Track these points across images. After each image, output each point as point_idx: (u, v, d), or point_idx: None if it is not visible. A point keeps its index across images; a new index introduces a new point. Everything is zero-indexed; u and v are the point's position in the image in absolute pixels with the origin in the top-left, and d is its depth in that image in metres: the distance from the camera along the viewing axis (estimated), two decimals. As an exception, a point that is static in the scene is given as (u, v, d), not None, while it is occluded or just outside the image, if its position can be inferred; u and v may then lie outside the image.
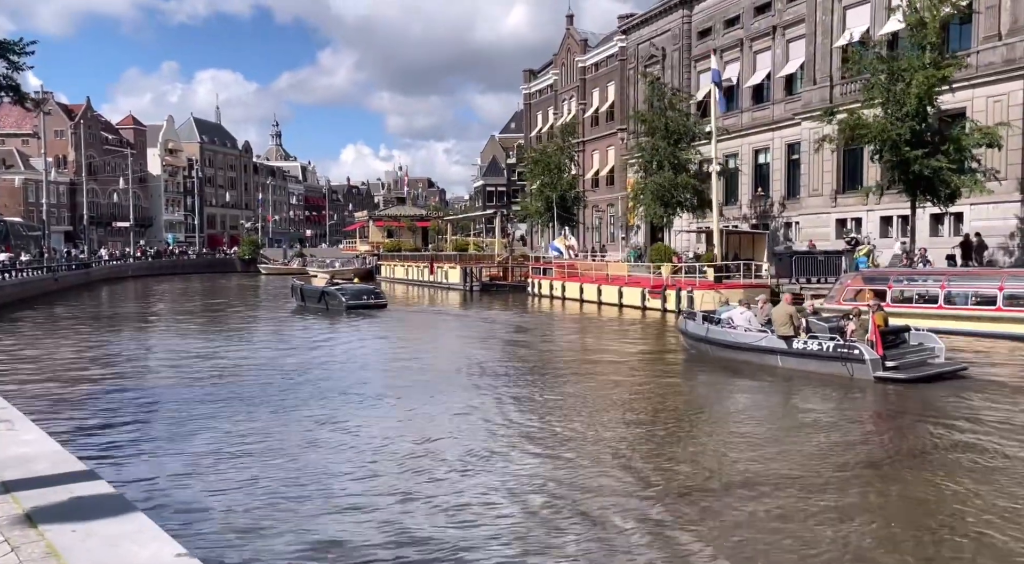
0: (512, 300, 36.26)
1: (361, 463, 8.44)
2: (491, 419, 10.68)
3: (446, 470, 8.15)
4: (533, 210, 50.36)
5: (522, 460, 8.64)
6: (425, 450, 8.97)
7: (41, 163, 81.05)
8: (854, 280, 18.38)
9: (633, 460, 8.60)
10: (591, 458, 8.62)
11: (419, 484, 7.67)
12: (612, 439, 9.46)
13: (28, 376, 14.26)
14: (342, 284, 32.03)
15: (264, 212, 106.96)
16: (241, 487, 7.60)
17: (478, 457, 8.72)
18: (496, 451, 9.01)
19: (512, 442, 9.44)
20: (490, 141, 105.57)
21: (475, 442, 9.35)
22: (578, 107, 61.34)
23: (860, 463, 8.60)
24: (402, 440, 9.44)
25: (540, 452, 9.02)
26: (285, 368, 15.51)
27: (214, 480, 7.85)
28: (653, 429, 10.28)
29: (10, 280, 33.09)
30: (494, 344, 20.49)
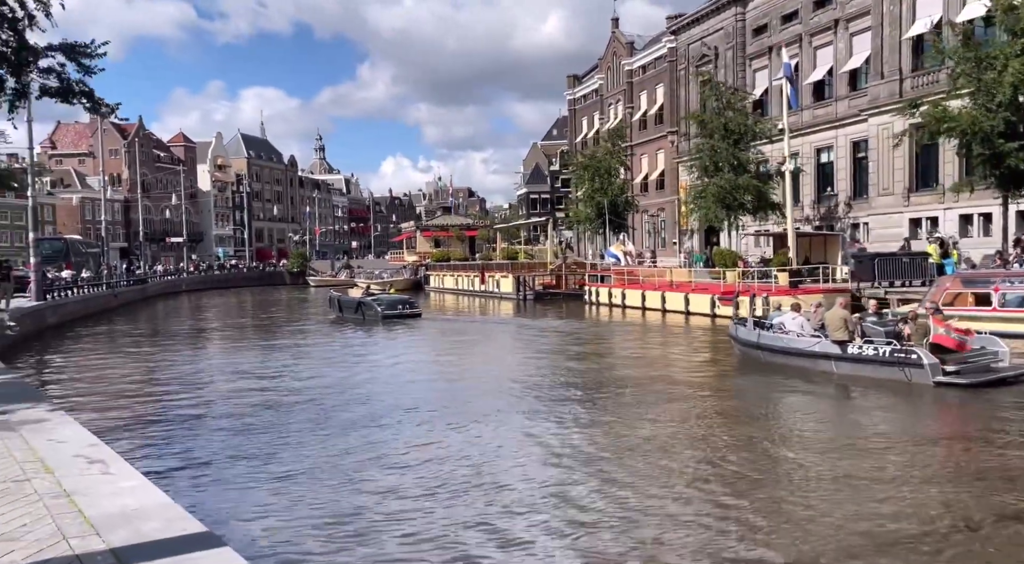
0: (568, 309, 35.42)
1: (418, 497, 7.65)
2: (555, 445, 9.88)
3: (509, 504, 7.40)
4: (583, 216, 49.45)
5: (574, 488, 7.95)
6: (488, 481, 8.20)
7: (96, 182, 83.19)
8: (953, 282, 17.12)
9: (702, 510, 7.71)
10: (656, 493, 7.77)
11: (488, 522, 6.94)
12: (680, 478, 8.33)
13: (101, 399, 13.93)
14: (377, 294, 32.61)
15: (311, 225, 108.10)
16: (336, 523, 6.95)
17: (537, 485, 7.99)
18: (552, 477, 8.31)
19: (566, 466, 8.77)
20: (532, 149, 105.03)
21: (535, 469, 8.65)
22: (625, 111, 60.36)
23: (930, 478, 7.95)
24: (461, 470, 8.62)
25: (593, 475, 8.38)
26: (349, 387, 14.97)
27: (303, 519, 7.21)
28: (726, 458, 9.38)
29: (73, 297, 33.47)
30: (558, 357, 19.74)
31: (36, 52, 8.73)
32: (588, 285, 36.20)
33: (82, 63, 9.05)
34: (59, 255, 42.85)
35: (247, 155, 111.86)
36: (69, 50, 8.90)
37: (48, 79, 9.12)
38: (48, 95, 9.11)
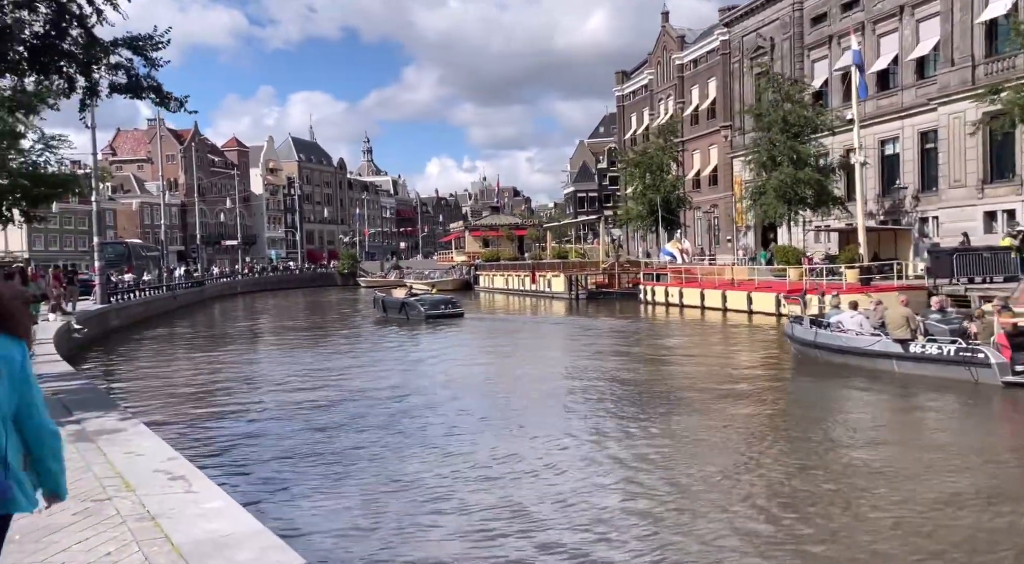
0: (622, 308, 34.79)
1: (502, 516, 7.26)
2: (619, 454, 9.42)
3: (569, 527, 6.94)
4: (633, 214, 48.59)
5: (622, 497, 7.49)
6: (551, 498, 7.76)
7: (154, 187, 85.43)
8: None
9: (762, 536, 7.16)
10: (712, 507, 7.29)
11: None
12: (738, 494, 7.75)
13: (168, 405, 13.96)
14: (421, 295, 33.02)
15: (360, 227, 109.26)
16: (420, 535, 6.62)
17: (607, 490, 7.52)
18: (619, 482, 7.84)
19: (628, 476, 8.32)
20: (579, 147, 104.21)
21: (602, 477, 8.20)
22: (676, 106, 59.25)
23: (998, 492, 7.36)
24: (534, 486, 8.17)
25: (650, 489, 7.89)
26: (411, 392, 14.73)
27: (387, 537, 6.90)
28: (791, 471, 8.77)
29: (136, 300, 34.19)
30: (616, 359, 19.23)
31: (105, 48, 8.63)
32: (643, 284, 35.47)
33: (148, 57, 8.91)
34: (121, 259, 43.97)
35: (298, 158, 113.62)
36: (134, 44, 8.77)
37: (116, 75, 9.01)
38: (117, 92, 9.02)
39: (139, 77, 9.15)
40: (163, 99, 9.36)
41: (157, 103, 9.31)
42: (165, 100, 9.37)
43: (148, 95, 9.23)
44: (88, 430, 6.75)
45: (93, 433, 6.58)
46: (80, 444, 6.19)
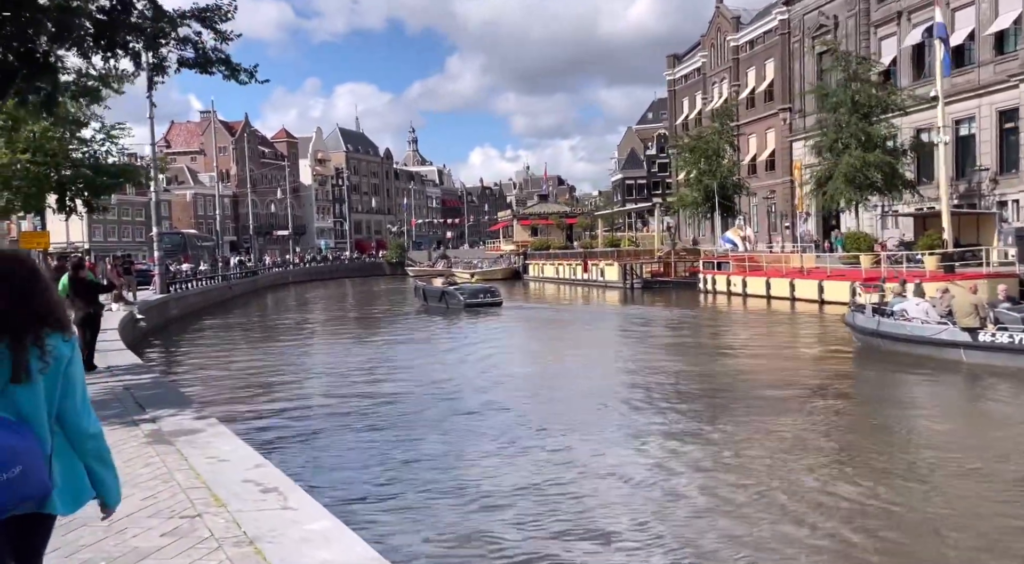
0: (681, 298, 33.79)
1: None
2: (674, 451, 8.75)
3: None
4: (688, 200, 47.23)
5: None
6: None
7: (207, 178, 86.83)
8: None
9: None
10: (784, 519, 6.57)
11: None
12: (824, 515, 6.96)
13: (235, 398, 13.65)
14: (460, 284, 33.06)
15: (408, 216, 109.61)
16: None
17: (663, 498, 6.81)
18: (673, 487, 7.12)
19: (683, 480, 7.65)
20: (627, 133, 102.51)
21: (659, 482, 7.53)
22: (731, 89, 57.49)
23: None
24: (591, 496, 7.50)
25: (710, 489, 7.29)
26: (464, 390, 14.18)
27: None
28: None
29: (193, 289, 34.48)
30: (679, 351, 18.44)
31: (172, 20, 8.19)
32: (703, 273, 34.35)
33: (217, 28, 8.45)
34: (178, 249, 44.53)
35: (345, 149, 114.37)
36: (202, 15, 8.32)
37: (184, 49, 8.57)
38: (186, 66, 8.60)
39: (208, 51, 8.70)
40: (233, 71, 8.91)
41: (227, 76, 8.85)
42: (235, 72, 8.91)
43: (218, 68, 8.78)
44: (164, 430, 6.31)
45: (170, 434, 6.15)
46: (159, 446, 5.74)
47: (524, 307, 37.14)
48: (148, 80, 8.54)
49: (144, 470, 5.12)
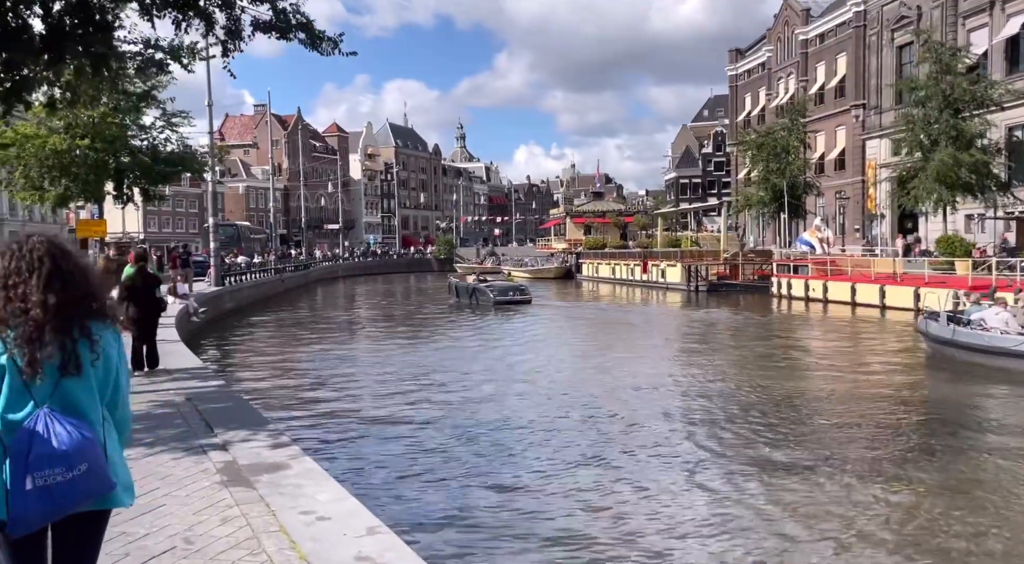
0: (750, 302, 31.97)
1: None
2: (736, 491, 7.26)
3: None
4: (755, 200, 45.11)
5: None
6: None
7: (260, 171, 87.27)
8: None
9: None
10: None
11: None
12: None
13: (297, 417, 12.58)
14: (491, 281, 33.61)
15: (457, 213, 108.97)
16: None
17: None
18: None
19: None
20: (682, 131, 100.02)
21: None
22: (798, 85, 55.06)
23: None
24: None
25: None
26: (528, 402, 12.86)
27: None
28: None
29: (247, 282, 33.91)
30: (757, 361, 16.85)
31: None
32: (776, 276, 32.41)
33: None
34: (232, 241, 44.21)
35: (395, 144, 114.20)
36: None
37: (260, 10, 7.39)
38: (262, 30, 7.43)
39: (286, 12, 7.51)
40: (314, 39, 7.72)
41: (307, 44, 7.67)
42: (316, 40, 7.72)
43: (297, 34, 7.59)
44: (241, 462, 5.10)
45: (249, 469, 4.93)
46: (236, 490, 4.52)
47: (582, 306, 35.85)
48: (223, 47, 7.32)
49: (221, 530, 3.90)
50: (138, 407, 7.01)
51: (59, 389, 2.13)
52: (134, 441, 5.68)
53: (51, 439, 2.07)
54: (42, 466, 2.05)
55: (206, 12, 7.30)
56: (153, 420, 6.53)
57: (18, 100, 7.15)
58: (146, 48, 7.75)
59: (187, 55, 7.92)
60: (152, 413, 6.86)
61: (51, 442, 2.06)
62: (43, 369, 2.11)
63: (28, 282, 2.16)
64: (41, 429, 2.08)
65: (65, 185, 21.90)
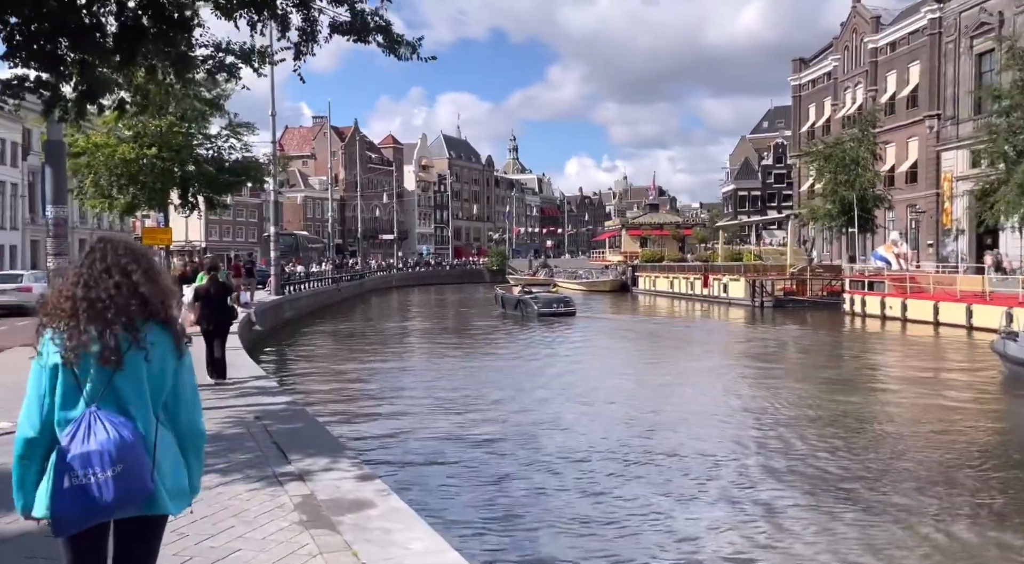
0: (819, 320, 30.59)
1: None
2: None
3: None
4: (821, 213, 43.45)
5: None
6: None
7: (317, 182, 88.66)
8: None
9: None
10: None
11: None
12: None
13: (361, 434, 12.15)
14: (535, 293, 34.24)
15: (510, 224, 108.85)
16: None
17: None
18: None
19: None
20: (740, 143, 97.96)
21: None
22: (866, 94, 53.17)
23: None
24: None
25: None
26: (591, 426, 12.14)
27: None
28: None
29: (305, 291, 34.05)
30: (837, 385, 15.75)
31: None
32: (849, 292, 30.96)
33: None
34: (291, 250, 44.69)
35: (448, 155, 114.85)
36: None
37: (338, 11, 6.97)
38: (339, 32, 7.03)
39: (365, 13, 7.07)
40: (392, 43, 7.26)
41: (385, 47, 7.23)
42: (395, 44, 7.26)
43: (375, 37, 7.15)
44: (320, 497, 4.59)
45: (329, 507, 4.41)
46: (318, 533, 3.99)
47: (641, 321, 34.92)
48: (296, 49, 6.93)
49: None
50: (208, 424, 6.60)
51: (110, 388, 2.12)
52: (206, 465, 5.23)
53: (91, 438, 2.05)
54: (79, 465, 2.03)
55: (282, 13, 6.92)
56: (224, 441, 6.10)
57: (91, 103, 6.86)
58: (216, 51, 7.42)
59: (257, 59, 7.56)
60: (223, 433, 6.44)
61: (90, 441, 2.05)
62: (82, 360, 2.12)
63: (83, 280, 2.20)
64: (84, 428, 2.07)
65: (133, 193, 22.16)
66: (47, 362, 2.14)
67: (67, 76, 6.84)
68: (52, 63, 6.66)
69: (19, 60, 6.63)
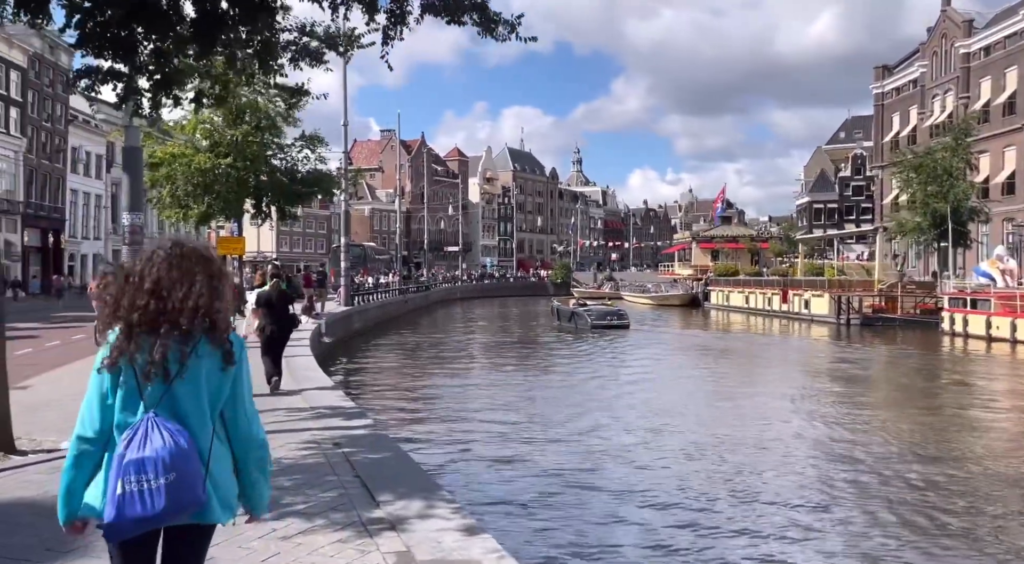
0: (913, 339, 28.56)
1: None
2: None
3: None
4: (911, 226, 40.98)
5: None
6: None
7: (384, 194, 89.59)
8: None
9: None
10: None
11: None
12: None
13: (435, 447, 11.40)
14: (589, 306, 34.85)
15: (575, 236, 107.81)
16: None
17: None
18: None
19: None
20: (816, 154, 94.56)
21: None
22: (957, 102, 50.32)
23: None
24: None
25: None
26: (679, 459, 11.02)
27: None
28: None
29: (373, 303, 33.86)
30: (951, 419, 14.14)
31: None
32: (948, 310, 28.82)
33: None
34: (359, 261, 44.80)
35: (512, 168, 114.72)
36: None
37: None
38: (431, 12, 6.35)
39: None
40: (488, 22, 6.51)
41: (481, 27, 6.48)
42: (491, 23, 6.51)
43: (470, 16, 6.40)
44: (419, 558, 3.76)
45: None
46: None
47: (720, 337, 33.41)
48: (384, 33, 6.23)
49: None
50: (284, 450, 5.91)
51: (168, 394, 2.11)
52: (284, 503, 4.48)
53: (147, 445, 2.04)
54: (134, 471, 2.02)
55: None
56: (302, 472, 5.36)
57: (167, 93, 6.31)
58: (300, 35, 6.81)
59: (344, 43, 6.91)
60: (301, 462, 5.71)
61: (146, 448, 2.04)
62: (127, 368, 2.12)
63: (144, 286, 2.16)
64: (140, 434, 2.06)
65: (208, 203, 22.17)
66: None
67: (142, 67, 6.32)
68: (125, 51, 6.14)
69: (92, 49, 6.13)
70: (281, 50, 6.91)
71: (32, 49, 41.03)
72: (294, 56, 7.12)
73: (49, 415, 7.75)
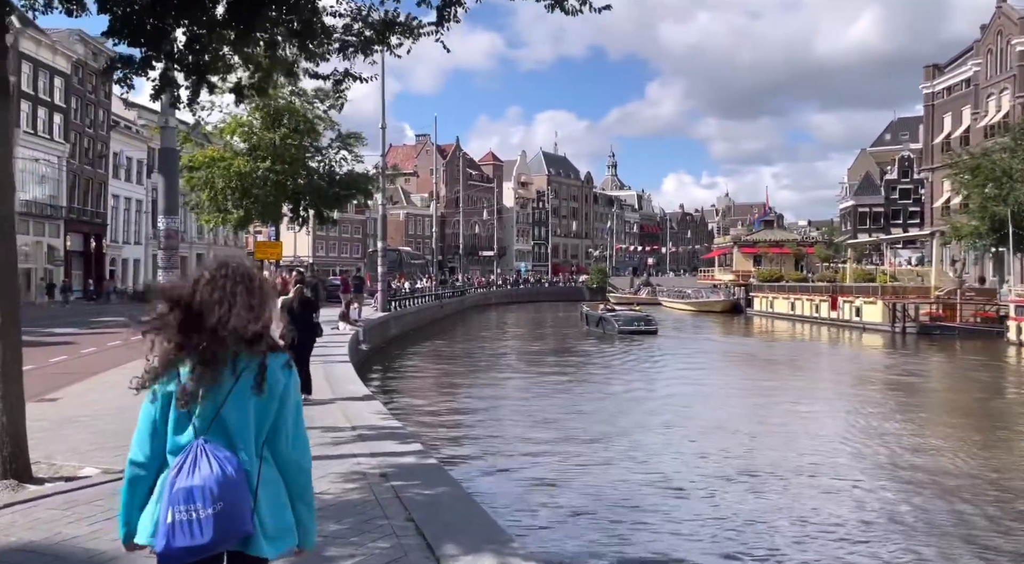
0: (973, 349, 27.19)
1: None
2: None
3: None
4: (967, 231, 39.24)
5: None
6: None
7: (419, 199, 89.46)
8: None
9: None
10: None
11: None
12: None
13: (482, 472, 10.69)
14: (617, 311, 35.52)
15: (611, 241, 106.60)
16: None
17: None
18: None
19: None
20: (860, 156, 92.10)
21: None
22: (1014, 101, 48.26)
23: None
24: None
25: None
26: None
27: None
28: None
29: (410, 308, 33.39)
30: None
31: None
32: (1014, 319, 27.33)
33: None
34: (394, 266, 44.45)
35: (547, 172, 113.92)
36: None
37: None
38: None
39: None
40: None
41: (551, 2, 5.81)
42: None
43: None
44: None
45: None
46: None
47: (767, 345, 32.24)
48: (438, 13, 5.55)
49: None
50: (326, 482, 5.23)
51: (218, 419, 2.09)
52: (329, 556, 3.78)
53: (195, 473, 2.02)
54: (182, 500, 2.01)
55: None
56: (348, 514, 4.65)
57: (203, 82, 5.72)
58: (353, 20, 6.15)
59: (401, 30, 6.25)
60: (344, 499, 5.01)
61: (194, 476, 2.02)
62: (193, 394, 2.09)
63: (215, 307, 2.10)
64: (189, 461, 2.04)
65: (246, 207, 21.86)
66: (162, 388, 2.12)
67: (177, 55, 5.72)
68: (157, 40, 5.54)
69: (123, 37, 5.55)
70: (329, 38, 6.26)
71: (75, 55, 41.47)
72: (343, 45, 6.44)
73: (74, 434, 7.21)
